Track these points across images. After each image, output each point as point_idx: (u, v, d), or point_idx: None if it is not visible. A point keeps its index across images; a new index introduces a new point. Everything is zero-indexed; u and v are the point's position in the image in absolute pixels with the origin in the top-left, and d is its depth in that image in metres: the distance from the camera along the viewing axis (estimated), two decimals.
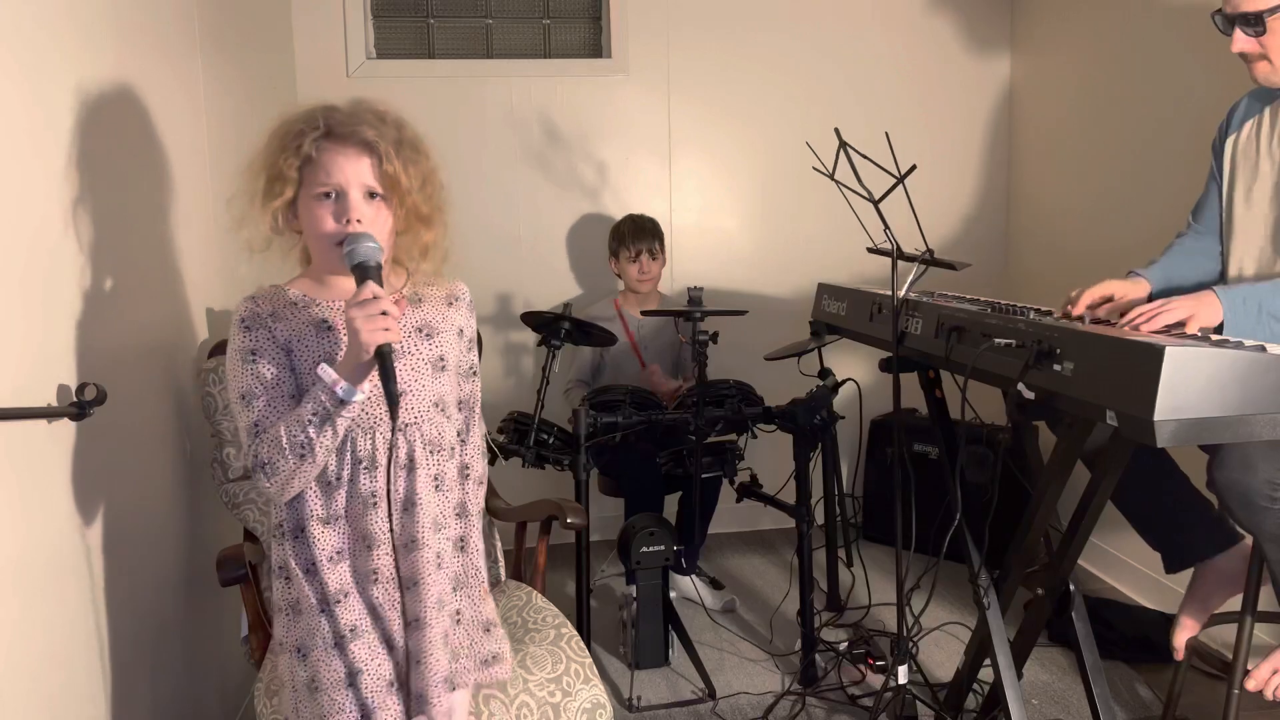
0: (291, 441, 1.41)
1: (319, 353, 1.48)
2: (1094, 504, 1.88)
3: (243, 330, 1.46)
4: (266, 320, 1.47)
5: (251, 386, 1.45)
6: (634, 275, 3.33)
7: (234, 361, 1.47)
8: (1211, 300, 1.76)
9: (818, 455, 3.00)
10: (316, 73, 3.46)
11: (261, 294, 1.51)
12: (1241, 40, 1.84)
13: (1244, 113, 2.04)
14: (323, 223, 1.45)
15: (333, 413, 1.39)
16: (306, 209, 1.46)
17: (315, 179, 1.45)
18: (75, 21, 1.64)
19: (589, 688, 1.81)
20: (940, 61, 3.84)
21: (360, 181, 1.46)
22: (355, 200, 1.45)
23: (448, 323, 1.63)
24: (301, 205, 1.47)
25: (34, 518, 1.43)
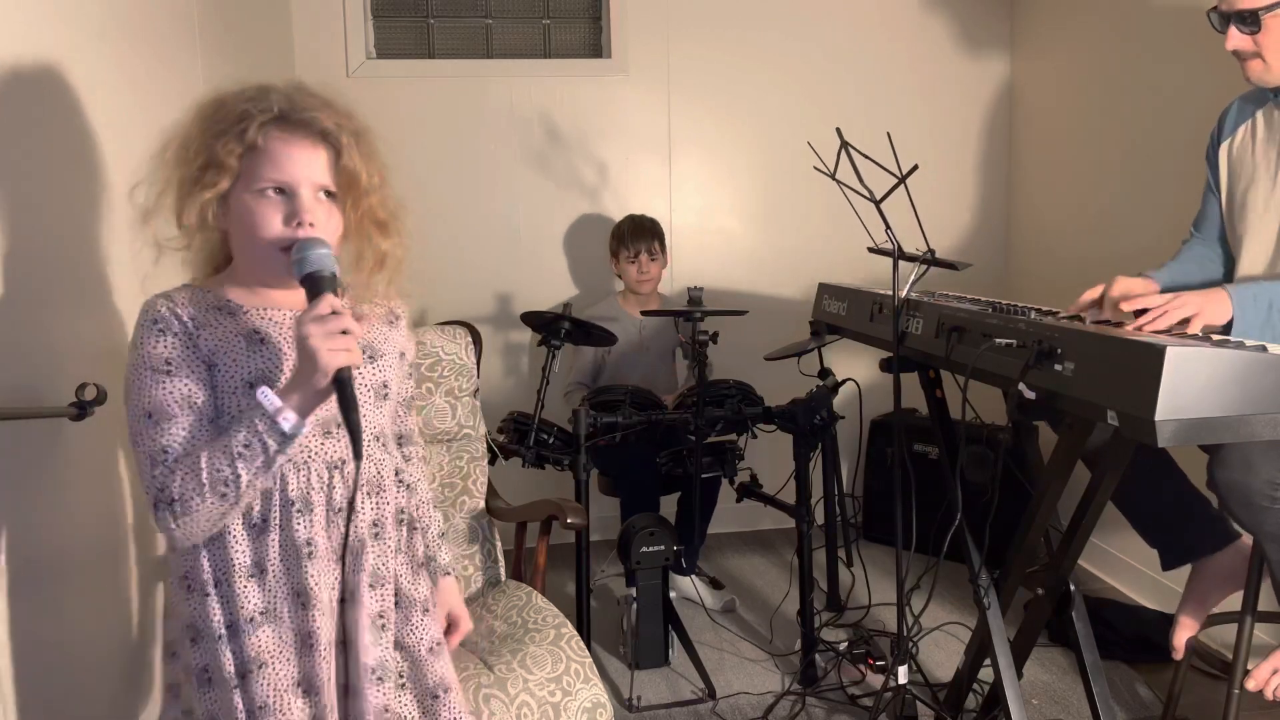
0: (213, 477, 1.17)
1: (249, 369, 1.25)
2: (1094, 504, 1.88)
3: (154, 334, 1.22)
4: (187, 325, 1.24)
5: (163, 403, 1.20)
6: (633, 276, 3.33)
7: (139, 370, 1.21)
8: (1221, 297, 1.75)
9: (818, 455, 3.00)
10: (316, 73, 3.46)
11: (177, 294, 1.27)
12: (1236, 38, 1.84)
13: (1235, 117, 2.04)
14: (268, 224, 1.23)
15: (270, 448, 1.17)
16: (243, 205, 1.24)
17: (260, 172, 1.23)
18: (75, 21, 1.64)
19: (589, 688, 1.81)
20: (941, 62, 3.84)
21: (313, 179, 1.25)
22: (307, 200, 1.25)
23: (389, 344, 1.41)
24: (236, 200, 1.24)
25: (34, 517, 1.43)
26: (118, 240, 1.76)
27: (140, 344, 1.22)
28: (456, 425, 2.30)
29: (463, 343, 2.32)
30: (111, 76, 1.77)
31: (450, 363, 2.29)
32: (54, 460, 1.49)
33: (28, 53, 1.45)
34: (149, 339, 1.22)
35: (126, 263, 1.80)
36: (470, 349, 2.34)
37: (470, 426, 2.34)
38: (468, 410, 2.33)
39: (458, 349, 2.31)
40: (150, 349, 1.22)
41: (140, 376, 1.22)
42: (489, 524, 2.30)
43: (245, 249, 1.28)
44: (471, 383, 2.34)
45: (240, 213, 1.25)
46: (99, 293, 1.65)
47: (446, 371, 2.29)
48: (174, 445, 1.20)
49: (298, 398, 1.19)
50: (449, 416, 2.28)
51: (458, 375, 2.30)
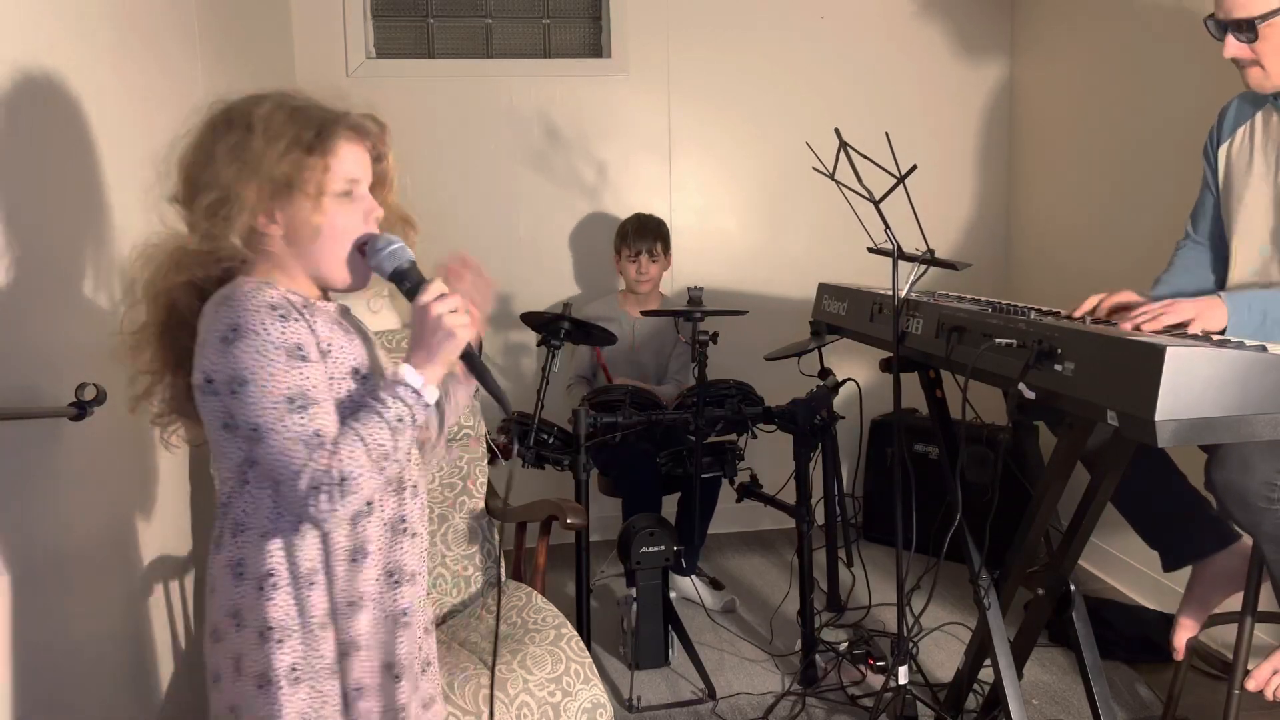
0: (378, 451, 1.19)
1: (352, 358, 1.27)
2: (1094, 504, 1.88)
3: (277, 319, 1.18)
4: (303, 312, 1.23)
5: (303, 387, 1.18)
6: (631, 275, 3.33)
7: (268, 355, 1.17)
8: (1217, 304, 1.75)
9: (818, 455, 3.00)
10: (316, 73, 3.46)
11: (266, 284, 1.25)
12: (1234, 46, 1.84)
13: (1235, 117, 2.04)
14: (350, 224, 1.27)
15: (418, 420, 1.23)
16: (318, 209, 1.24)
17: (338, 173, 1.25)
18: (74, 22, 1.64)
19: (589, 688, 1.81)
20: (941, 60, 3.84)
21: (368, 177, 1.30)
22: (369, 196, 1.30)
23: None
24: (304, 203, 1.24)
25: (34, 517, 1.43)
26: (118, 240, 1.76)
27: (259, 329, 1.17)
28: (456, 425, 2.30)
29: None
30: (110, 76, 1.77)
31: None
32: (54, 460, 1.49)
33: (27, 53, 1.45)
34: (271, 324, 1.18)
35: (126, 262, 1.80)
36: None
37: (470, 426, 2.34)
38: (467, 410, 2.32)
39: None
40: (277, 334, 1.18)
41: (270, 362, 1.17)
42: (489, 524, 2.30)
43: (316, 247, 1.27)
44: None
45: (311, 217, 1.24)
46: (99, 293, 1.65)
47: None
48: (328, 428, 1.19)
49: (432, 371, 1.25)
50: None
51: None
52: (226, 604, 1.25)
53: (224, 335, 1.17)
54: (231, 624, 1.24)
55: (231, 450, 1.23)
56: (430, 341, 1.24)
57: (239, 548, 1.24)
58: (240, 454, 1.23)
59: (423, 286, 1.26)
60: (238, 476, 1.25)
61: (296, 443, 1.16)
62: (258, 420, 1.17)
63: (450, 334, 1.24)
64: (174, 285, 1.26)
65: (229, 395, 1.18)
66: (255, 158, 1.20)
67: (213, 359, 1.18)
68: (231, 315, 1.18)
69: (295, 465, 1.16)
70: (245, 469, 1.24)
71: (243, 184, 1.20)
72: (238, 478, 1.25)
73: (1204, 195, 2.13)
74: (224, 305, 1.19)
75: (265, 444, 1.17)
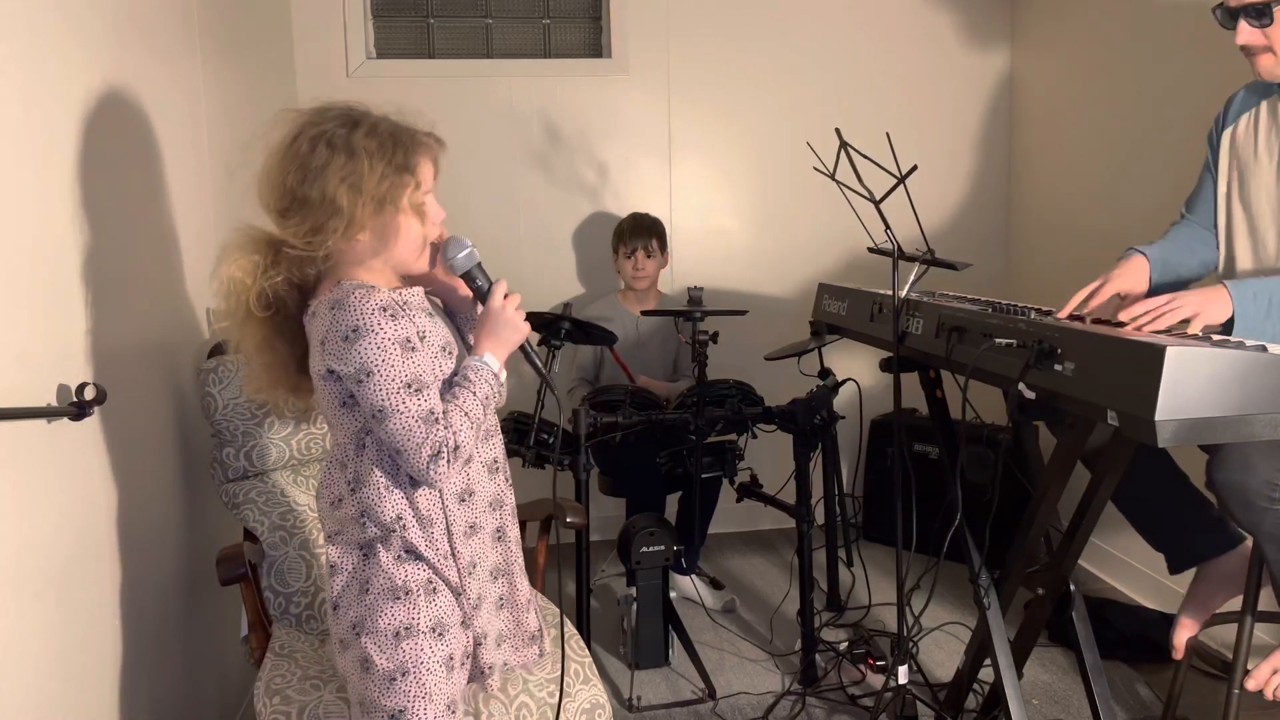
0: (476, 422, 1.46)
1: (439, 339, 1.49)
2: (1094, 504, 1.88)
3: (387, 318, 1.40)
4: (403, 308, 1.44)
5: (418, 374, 1.41)
6: (628, 271, 3.34)
7: (386, 349, 1.39)
8: (1221, 295, 1.74)
9: (818, 455, 3.00)
10: (316, 73, 3.46)
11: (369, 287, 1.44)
12: (1246, 32, 1.82)
13: (1240, 105, 2.02)
14: (432, 226, 1.51)
15: (498, 397, 1.51)
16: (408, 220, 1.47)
17: (422, 181, 1.48)
18: (73, 22, 1.64)
19: (589, 688, 1.81)
20: (941, 60, 3.84)
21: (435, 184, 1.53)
22: (435, 203, 1.52)
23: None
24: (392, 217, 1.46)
25: (34, 518, 1.43)
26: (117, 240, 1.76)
27: (375, 329, 1.38)
28: None
29: None
30: (111, 75, 1.77)
31: None
32: (54, 460, 1.49)
33: (26, 53, 1.45)
34: (383, 323, 1.39)
35: (126, 262, 1.80)
36: None
37: None
38: None
39: None
40: (391, 331, 1.39)
41: (388, 355, 1.39)
42: None
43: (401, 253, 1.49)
44: None
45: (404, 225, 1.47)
46: (100, 292, 1.65)
47: None
48: (438, 407, 1.42)
49: (502, 355, 1.54)
50: None
51: None
52: (357, 540, 1.49)
53: (345, 335, 1.38)
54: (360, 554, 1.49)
55: (349, 422, 1.47)
56: (503, 333, 1.53)
57: (360, 501, 1.47)
58: (357, 424, 1.46)
59: (493, 287, 1.54)
60: (356, 442, 1.47)
61: (417, 420, 1.40)
62: (383, 404, 1.39)
63: (518, 328, 1.54)
64: (275, 283, 1.46)
65: (355, 384, 1.40)
66: (362, 182, 1.41)
67: (337, 355, 1.39)
68: (350, 317, 1.38)
69: (418, 439, 1.40)
70: (363, 436, 1.47)
71: (355, 205, 1.41)
72: (356, 443, 1.47)
73: (1204, 179, 2.11)
74: (339, 309, 1.39)
75: (389, 423, 1.40)
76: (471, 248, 1.53)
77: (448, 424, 1.42)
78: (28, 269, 1.43)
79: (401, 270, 1.54)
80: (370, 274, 1.49)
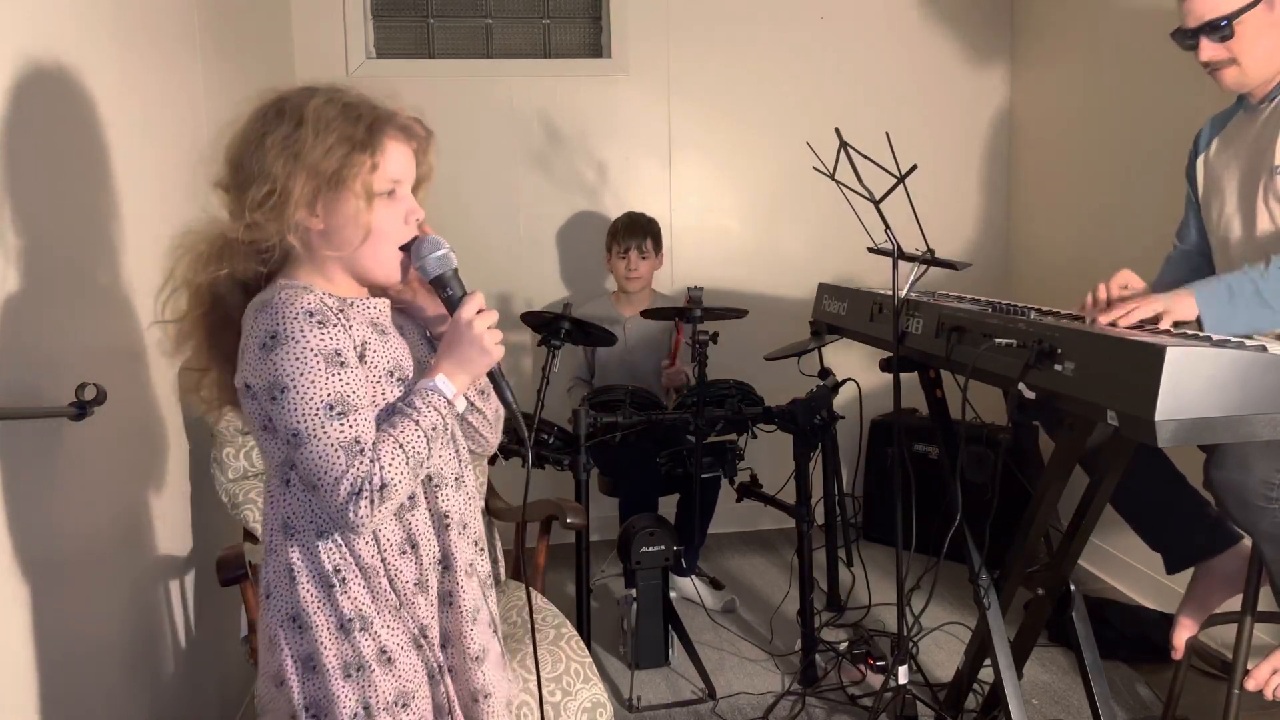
0: (415, 458, 1.21)
1: (387, 359, 1.28)
2: (1094, 504, 1.88)
3: (314, 325, 1.18)
4: (339, 316, 1.23)
5: (343, 394, 1.19)
6: (621, 272, 3.31)
7: (306, 362, 1.18)
8: (1185, 296, 1.77)
9: (818, 455, 3.00)
10: (316, 73, 3.44)
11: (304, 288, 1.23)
12: (1209, 49, 1.86)
13: (1209, 133, 2.09)
14: (393, 224, 1.28)
15: (449, 426, 1.27)
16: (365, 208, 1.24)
17: (383, 172, 1.25)
18: (73, 22, 1.64)
19: (589, 687, 1.81)
20: (941, 60, 3.84)
21: (412, 178, 1.31)
22: (412, 198, 1.31)
23: None
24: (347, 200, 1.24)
25: (34, 518, 1.43)
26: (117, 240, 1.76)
27: (298, 336, 1.18)
28: None
29: None
30: (112, 76, 1.77)
31: None
32: (54, 460, 1.49)
33: (27, 52, 1.45)
34: (309, 330, 1.18)
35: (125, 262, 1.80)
36: None
37: None
38: None
39: None
40: (315, 341, 1.18)
41: (310, 368, 1.18)
42: (489, 524, 2.30)
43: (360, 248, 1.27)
44: None
45: (362, 213, 1.24)
46: (99, 292, 1.65)
47: None
48: (366, 434, 1.20)
49: (462, 381, 1.28)
50: None
51: None
52: (287, 607, 1.26)
53: (263, 342, 1.18)
54: (294, 626, 1.25)
55: (274, 451, 1.24)
56: (467, 354, 1.28)
57: (292, 550, 1.25)
58: (281, 454, 1.23)
59: (465, 299, 1.30)
60: (280, 476, 1.26)
61: (337, 449, 1.17)
62: (298, 426, 1.18)
63: (485, 351, 1.28)
64: (216, 278, 1.26)
65: (268, 401, 1.19)
66: (305, 151, 1.20)
67: (253, 365, 1.19)
68: (270, 322, 1.18)
69: (336, 472, 1.17)
70: (287, 469, 1.25)
71: (292, 177, 1.20)
72: (280, 477, 1.26)
73: (1189, 215, 2.17)
74: (263, 311, 1.19)
75: (305, 450, 1.18)
76: (448, 250, 1.30)
77: (375, 457, 1.18)
78: (29, 268, 1.43)
79: (366, 277, 1.31)
80: (326, 280, 1.29)
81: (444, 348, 1.30)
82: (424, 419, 1.23)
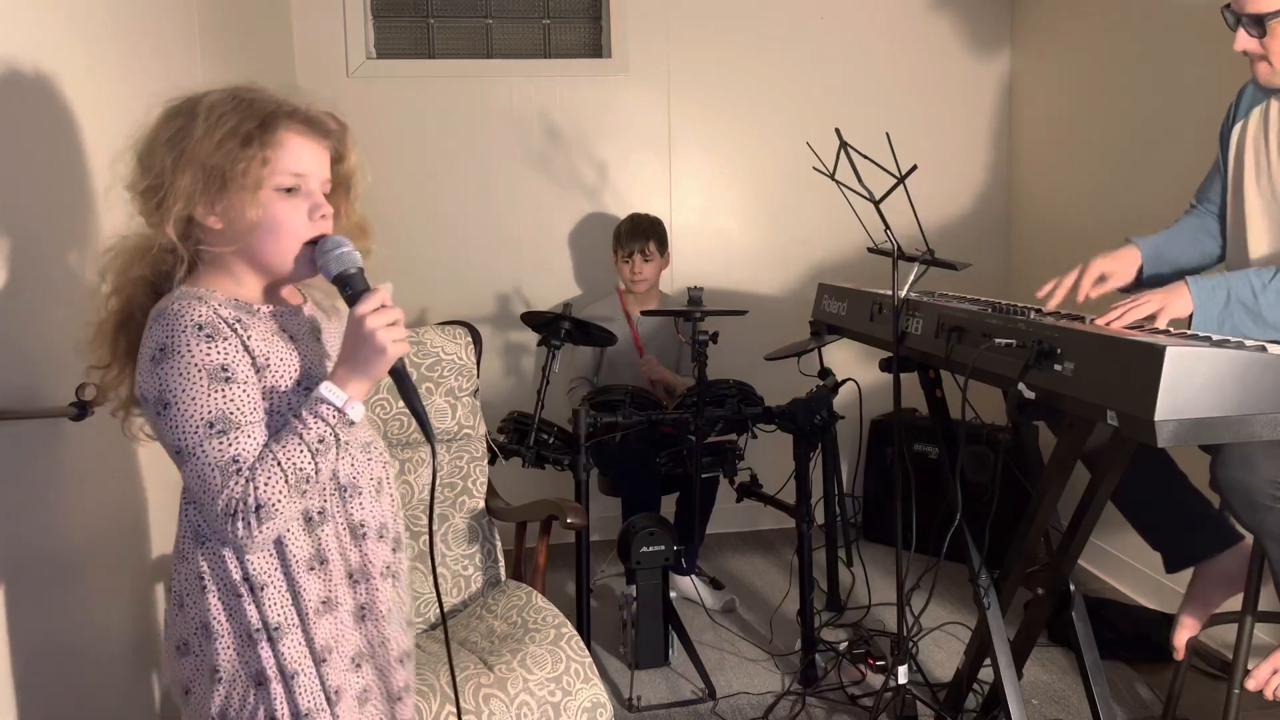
0: (296, 476, 1.17)
1: (294, 368, 1.26)
2: (1094, 504, 1.88)
3: (202, 340, 1.16)
4: (235, 328, 1.20)
5: (227, 411, 1.16)
6: (626, 275, 3.33)
7: (190, 378, 1.15)
8: (1182, 291, 1.77)
9: (818, 455, 3.00)
10: (316, 73, 3.46)
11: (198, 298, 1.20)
12: (1244, 40, 1.85)
13: (1250, 99, 2.03)
14: (294, 219, 1.23)
15: (341, 438, 1.21)
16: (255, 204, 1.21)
17: (280, 166, 1.22)
18: (73, 22, 1.64)
19: (589, 687, 1.81)
20: (941, 61, 3.84)
21: (321, 175, 1.27)
22: (320, 194, 1.27)
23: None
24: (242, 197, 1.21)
25: (34, 518, 1.43)
26: None
27: (184, 351, 1.16)
28: (456, 425, 2.30)
29: (462, 342, 2.32)
30: (111, 76, 1.77)
31: (450, 363, 2.29)
32: (54, 460, 1.49)
33: (27, 52, 1.45)
34: (195, 345, 1.16)
35: None
36: (470, 349, 2.34)
37: (470, 426, 2.34)
38: (468, 410, 2.33)
39: (458, 349, 2.31)
40: (201, 356, 1.16)
41: (193, 385, 1.16)
42: (489, 524, 2.30)
43: (260, 246, 1.24)
44: (471, 383, 2.34)
45: (252, 209, 1.21)
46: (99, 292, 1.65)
47: (446, 371, 2.29)
48: (245, 453, 1.17)
49: (358, 386, 1.22)
50: (449, 416, 2.28)
51: (457, 375, 2.30)
52: (198, 616, 1.24)
53: (153, 355, 1.16)
54: (203, 635, 1.24)
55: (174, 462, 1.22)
56: (360, 354, 1.21)
57: (203, 558, 1.23)
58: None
59: (363, 296, 1.23)
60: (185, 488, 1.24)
61: (213, 468, 1.15)
62: (180, 443, 1.17)
63: (380, 350, 1.21)
64: (134, 279, 1.25)
65: (155, 415, 1.18)
66: (193, 146, 1.18)
67: (144, 377, 1.18)
68: (160, 334, 1.17)
69: (213, 490, 1.15)
70: None
71: (178, 171, 1.18)
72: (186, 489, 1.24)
73: (1213, 174, 2.13)
74: (157, 321, 1.18)
75: (186, 466, 1.17)
76: (346, 248, 1.25)
77: (251, 477, 1.15)
78: (28, 269, 1.43)
79: (271, 273, 1.27)
80: (236, 283, 1.26)
81: (341, 350, 1.25)
82: (309, 432, 1.19)
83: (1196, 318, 1.74)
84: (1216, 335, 1.60)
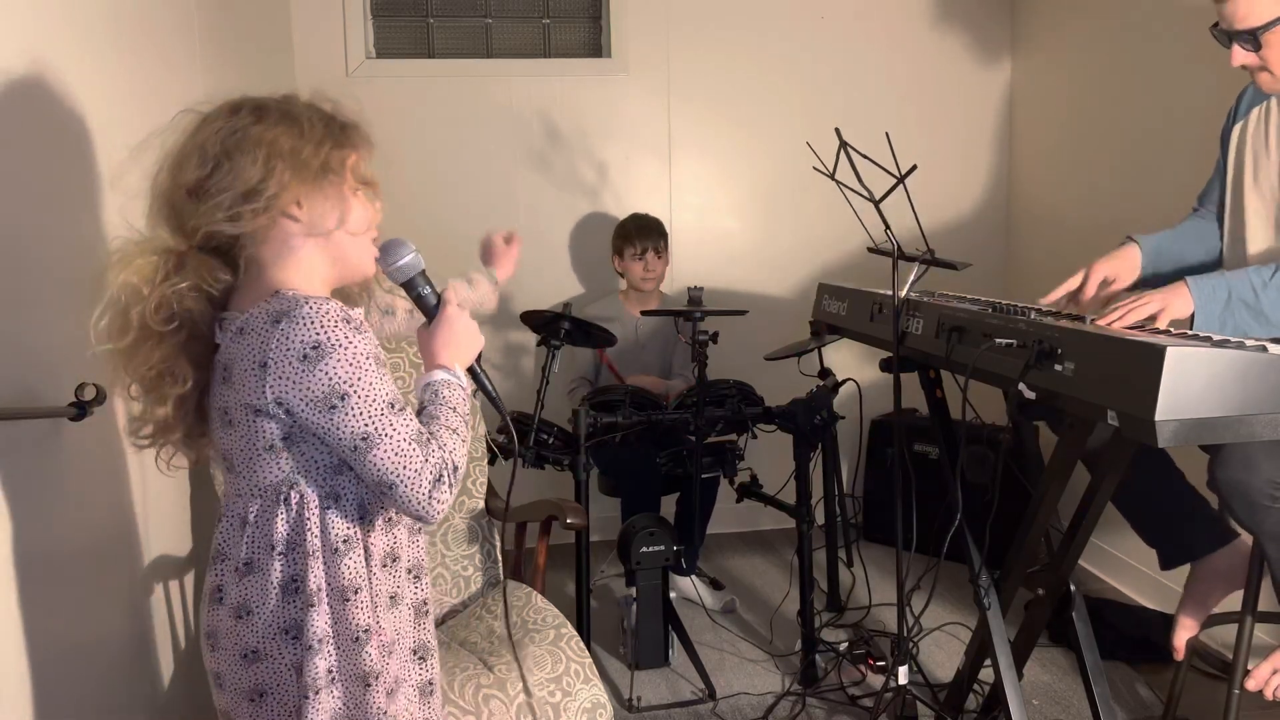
0: (465, 440, 1.26)
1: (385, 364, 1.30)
2: (1095, 504, 1.88)
3: (354, 332, 1.18)
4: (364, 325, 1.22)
5: (395, 394, 1.21)
6: (638, 274, 3.33)
7: (360, 367, 1.17)
8: (1182, 291, 1.77)
9: (818, 455, 3.00)
10: (316, 73, 3.46)
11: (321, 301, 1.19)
12: (1240, 55, 1.86)
13: (1251, 99, 2.04)
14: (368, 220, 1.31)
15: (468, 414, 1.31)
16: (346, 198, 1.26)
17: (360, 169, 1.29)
18: (72, 23, 1.64)
19: (589, 688, 1.81)
20: (941, 61, 3.84)
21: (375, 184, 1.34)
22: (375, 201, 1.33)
23: None
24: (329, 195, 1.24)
25: (34, 518, 1.42)
26: None
27: (344, 343, 1.16)
28: None
29: None
30: (111, 76, 1.77)
31: None
32: (54, 460, 1.49)
33: (27, 53, 1.45)
34: (352, 338, 1.17)
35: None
36: None
37: None
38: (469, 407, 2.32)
39: None
40: (361, 345, 1.18)
41: (366, 372, 1.17)
42: (489, 524, 2.30)
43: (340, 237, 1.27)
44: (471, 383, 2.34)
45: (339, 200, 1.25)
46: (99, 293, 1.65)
47: None
48: (419, 427, 1.22)
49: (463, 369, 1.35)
50: None
51: None
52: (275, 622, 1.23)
53: (304, 354, 1.15)
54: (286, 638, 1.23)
55: (271, 471, 1.21)
56: (464, 342, 1.34)
57: (290, 565, 1.22)
58: (281, 474, 1.22)
59: (446, 293, 1.36)
60: (273, 496, 1.22)
61: (410, 442, 1.19)
62: (367, 429, 1.17)
63: (478, 336, 1.36)
64: (179, 289, 1.21)
65: (323, 412, 1.17)
66: (293, 146, 1.21)
67: (294, 379, 1.15)
68: (306, 332, 1.15)
69: (415, 464, 1.19)
70: (286, 489, 1.22)
71: (280, 171, 1.20)
72: (272, 497, 1.22)
73: (1215, 178, 2.14)
74: (290, 322, 1.15)
75: (378, 450, 1.18)
76: (416, 252, 1.33)
77: (440, 444, 1.22)
78: (28, 269, 1.42)
79: (351, 270, 1.32)
80: (308, 284, 1.26)
81: (438, 342, 1.33)
82: (457, 404, 1.28)
83: (1198, 318, 1.74)
84: (1218, 335, 1.60)
